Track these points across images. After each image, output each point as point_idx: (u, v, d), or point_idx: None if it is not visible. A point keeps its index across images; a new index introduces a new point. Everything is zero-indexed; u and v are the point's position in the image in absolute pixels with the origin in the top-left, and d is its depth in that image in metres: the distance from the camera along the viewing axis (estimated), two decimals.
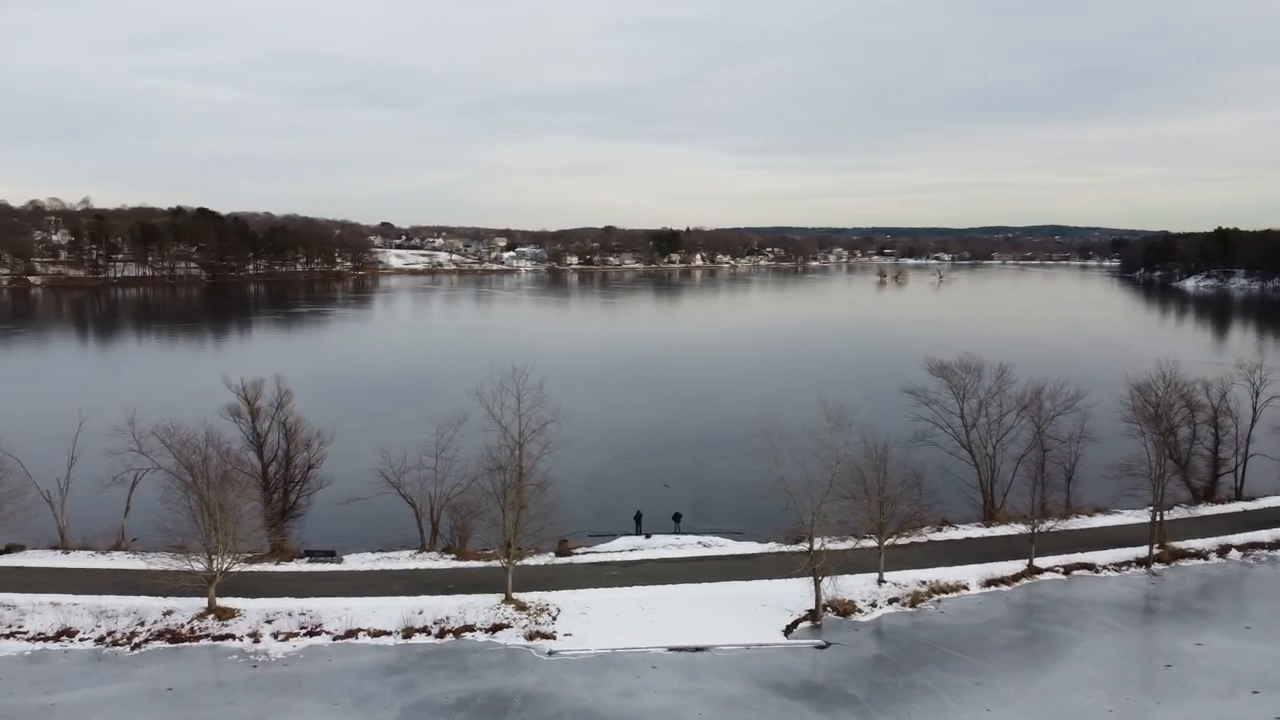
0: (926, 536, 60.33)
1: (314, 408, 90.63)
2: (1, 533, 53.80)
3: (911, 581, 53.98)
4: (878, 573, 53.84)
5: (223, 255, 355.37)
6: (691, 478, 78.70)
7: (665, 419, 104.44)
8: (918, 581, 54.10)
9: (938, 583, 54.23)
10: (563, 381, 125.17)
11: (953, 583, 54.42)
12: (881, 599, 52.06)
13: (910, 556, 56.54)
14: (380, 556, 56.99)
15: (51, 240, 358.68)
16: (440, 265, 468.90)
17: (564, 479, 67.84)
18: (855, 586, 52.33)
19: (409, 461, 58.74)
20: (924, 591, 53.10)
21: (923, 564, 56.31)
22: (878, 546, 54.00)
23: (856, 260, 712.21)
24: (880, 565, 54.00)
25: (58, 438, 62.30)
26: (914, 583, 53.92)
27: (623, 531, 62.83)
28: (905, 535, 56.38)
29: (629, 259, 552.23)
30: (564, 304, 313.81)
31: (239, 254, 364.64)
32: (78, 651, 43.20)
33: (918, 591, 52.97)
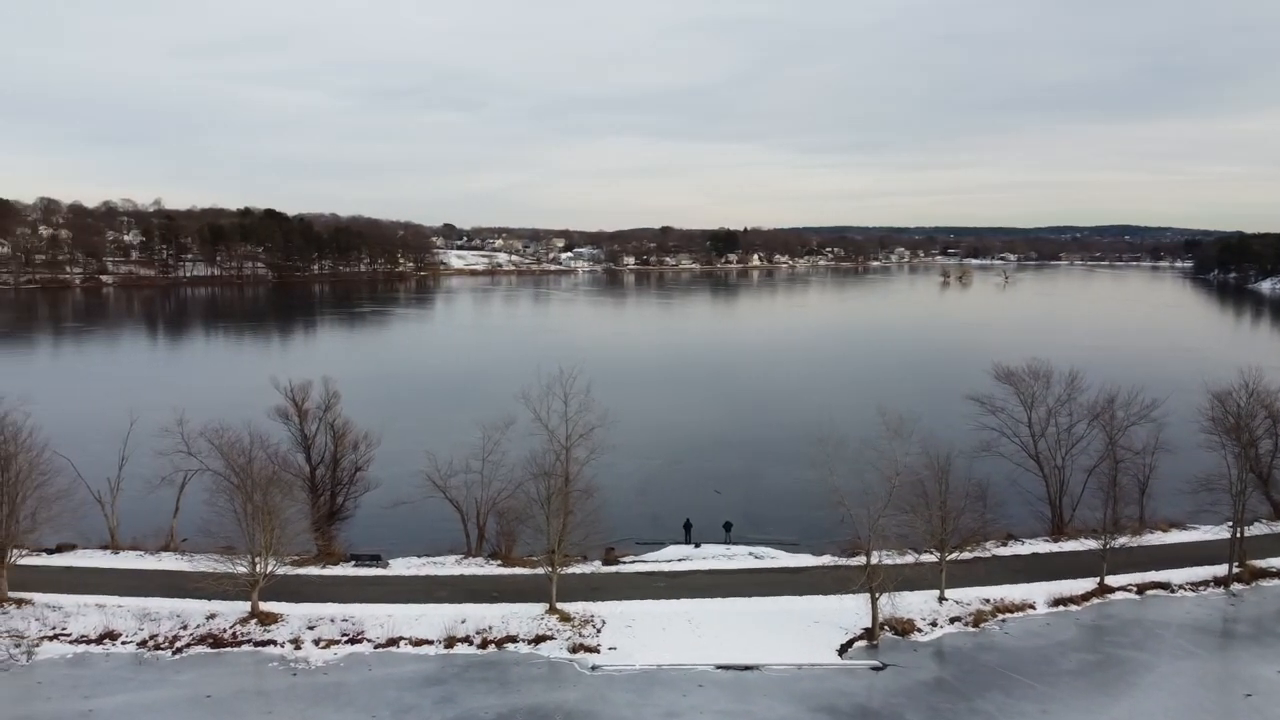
0: (990, 551, 57.58)
1: (365, 408, 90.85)
2: (54, 532, 54.08)
3: (974, 600, 51.40)
4: (938, 590, 51.38)
5: (289, 256, 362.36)
6: (744, 484, 76.69)
7: (719, 422, 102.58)
8: (981, 600, 51.50)
9: (1002, 601, 51.56)
10: (616, 383, 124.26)
11: (1018, 601, 51.69)
12: (942, 618, 49.61)
13: (973, 573, 53.89)
14: (426, 561, 56.25)
15: (124, 240, 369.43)
16: (499, 266, 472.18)
17: (612, 484, 66.67)
18: (914, 604, 49.94)
19: (455, 465, 57.94)
20: (988, 610, 50.50)
21: (986, 581, 53.59)
22: (939, 562, 51.52)
23: (919, 260, 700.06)
24: (941, 582, 51.51)
25: (113, 436, 62.79)
26: (977, 601, 51.34)
27: (671, 540, 61.19)
28: (968, 550, 53.79)
29: (686, 259, 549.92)
30: (620, 305, 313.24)
31: (304, 254, 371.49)
32: (119, 655, 43.00)
33: (981, 610, 50.39)
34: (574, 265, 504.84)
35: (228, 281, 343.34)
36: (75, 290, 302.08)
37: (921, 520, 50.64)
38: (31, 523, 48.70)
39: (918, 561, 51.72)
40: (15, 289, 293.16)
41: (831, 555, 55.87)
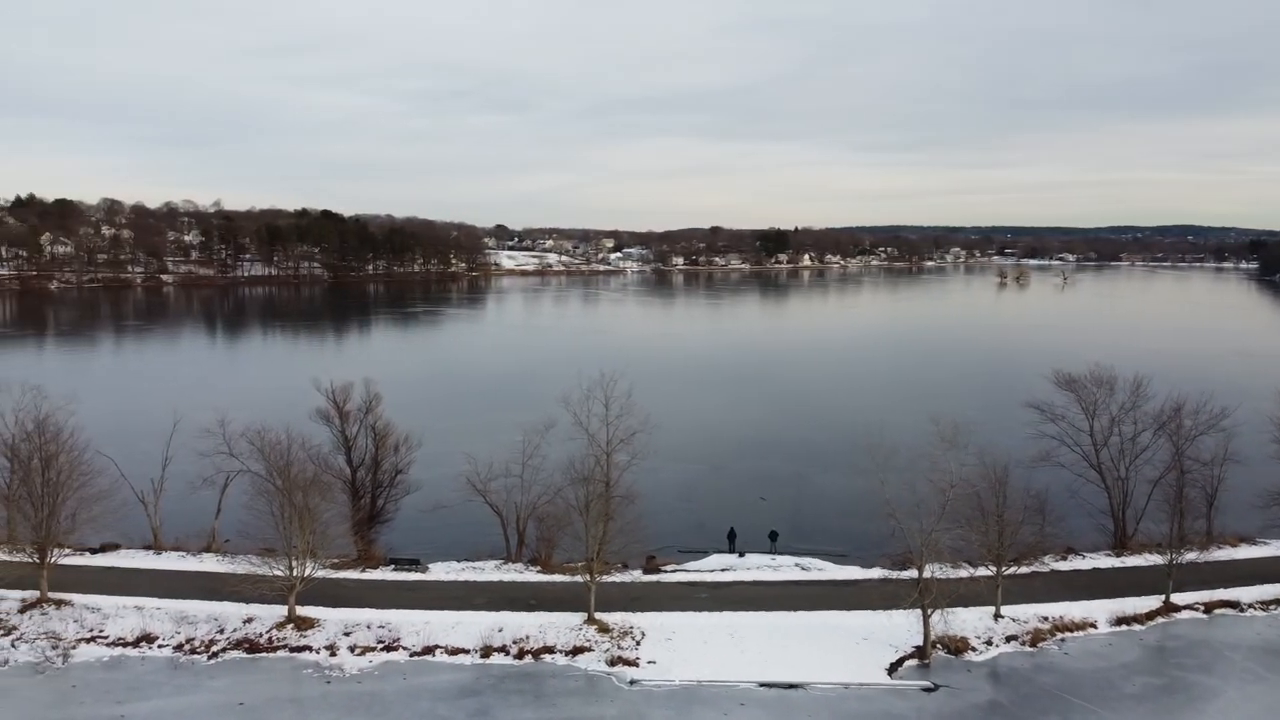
0: (1049, 566, 55.14)
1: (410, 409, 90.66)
2: (97, 531, 54.39)
3: (1032, 617, 49.10)
4: (994, 607, 49.15)
5: (344, 256, 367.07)
6: (791, 492, 74.80)
7: (766, 426, 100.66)
8: (1039, 617, 49.18)
9: (1061, 619, 49.17)
10: (661, 384, 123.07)
11: (1078, 620, 49.25)
12: (998, 636, 47.42)
13: (1031, 589, 51.52)
14: (465, 566, 55.49)
15: (184, 240, 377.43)
16: (549, 266, 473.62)
17: (654, 489, 65.30)
18: (969, 621, 47.80)
19: (496, 468, 57.17)
20: (1046, 629, 48.18)
21: (1044, 598, 51.22)
22: (995, 577, 49.28)
23: (975, 260, 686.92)
24: (997, 598, 49.28)
25: (159, 436, 63.12)
26: (1034, 619, 49.03)
27: (715, 548, 59.64)
28: (1025, 564, 51.42)
29: (735, 259, 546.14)
30: (668, 305, 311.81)
31: (359, 255, 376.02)
32: (155, 659, 42.77)
33: (1039, 629, 48.10)
34: (623, 265, 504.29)
35: (284, 281, 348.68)
36: (136, 289, 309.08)
37: (977, 533, 48.48)
38: (71, 523, 48.79)
39: (972, 576, 49.57)
40: (78, 288, 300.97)
41: (881, 568, 53.93)
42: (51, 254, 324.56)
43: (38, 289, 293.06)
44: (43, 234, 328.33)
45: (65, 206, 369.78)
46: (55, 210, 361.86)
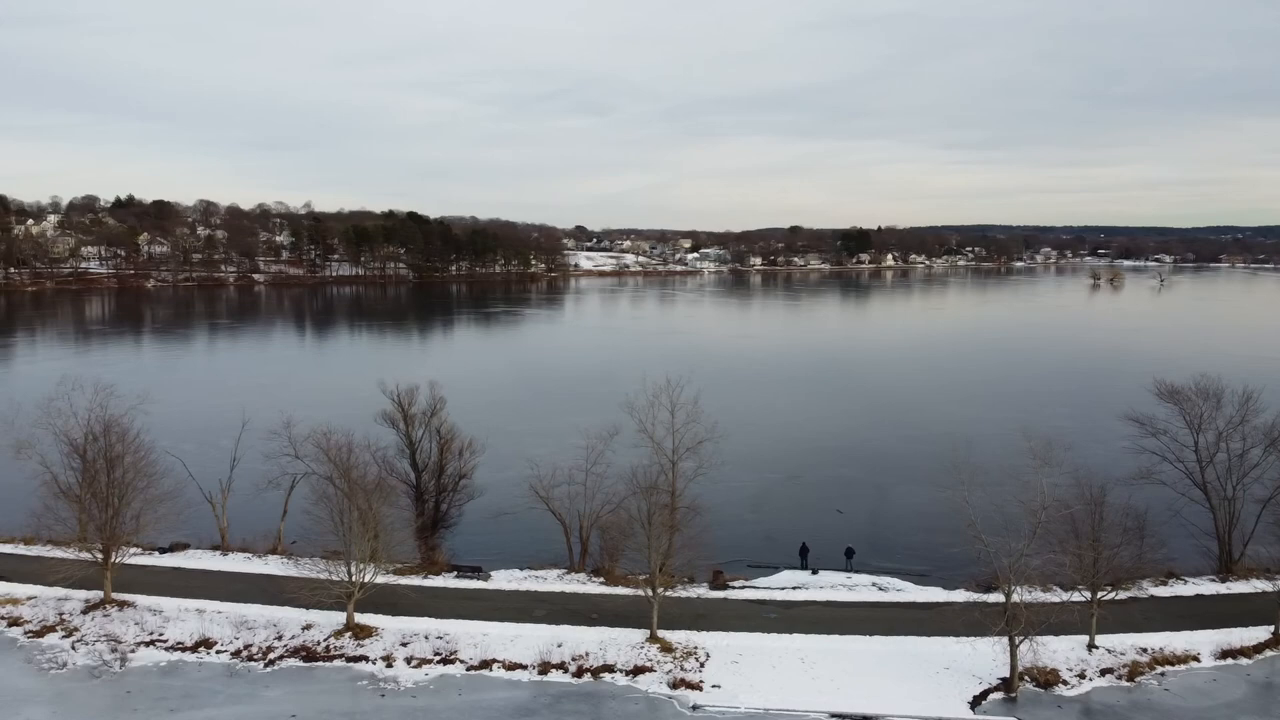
0: (1148, 592, 50.94)
1: (480, 410, 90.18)
2: (168, 531, 54.61)
3: (1129, 648, 45.30)
4: (1088, 636, 45.48)
5: (428, 257, 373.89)
6: (869, 505, 71.36)
7: (843, 433, 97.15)
8: (1136, 648, 45.34)
9: (1161, 651, 45.23)
10: (735, 387, 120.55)
11: (1180, 652, 45.22)
12: (1091, 669, 43.79)
13: (1128, 617, 47.56)
14: (528, 575, 54.09)
15: (275, 241, 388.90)
16: (626, 267, 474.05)
17: (723, 499, 63.08)
18: (1060, 652, 44.27)
19: (559, 475, 55.67)
20: (1144, 661, 44.34)
21: (1143, 627, 47.25)
22: (1089, 604, 45.58)
23: (1066, 261, 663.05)
24: (1092, 627, 45.55)
25: (231, 436, 63.46)
26: (1132, 650, 45.22)
27: (786, 564, 56.92)
28: (1122, 589, 47.50)
29: (815, 259, 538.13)
30: (745, 306, 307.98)
31: (443, 256, 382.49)
32: (212, 665, 42.31)
33: (1136, 661, 44.30)
34: (699, 266, 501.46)
35: (371, 281, 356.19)
36: (229, 288, 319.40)
37: (1070, 556, 44.89)
38: (135, 524, 48.89)
39: (1064, 602, 45.93)
40: (174, 286, 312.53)
41: (965, 590, 50.76)
42: (149, 253, 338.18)
43: (135, 287, 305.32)
44: (141, 234, 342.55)
45: (163, 208, 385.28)
46: (153, 211, 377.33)
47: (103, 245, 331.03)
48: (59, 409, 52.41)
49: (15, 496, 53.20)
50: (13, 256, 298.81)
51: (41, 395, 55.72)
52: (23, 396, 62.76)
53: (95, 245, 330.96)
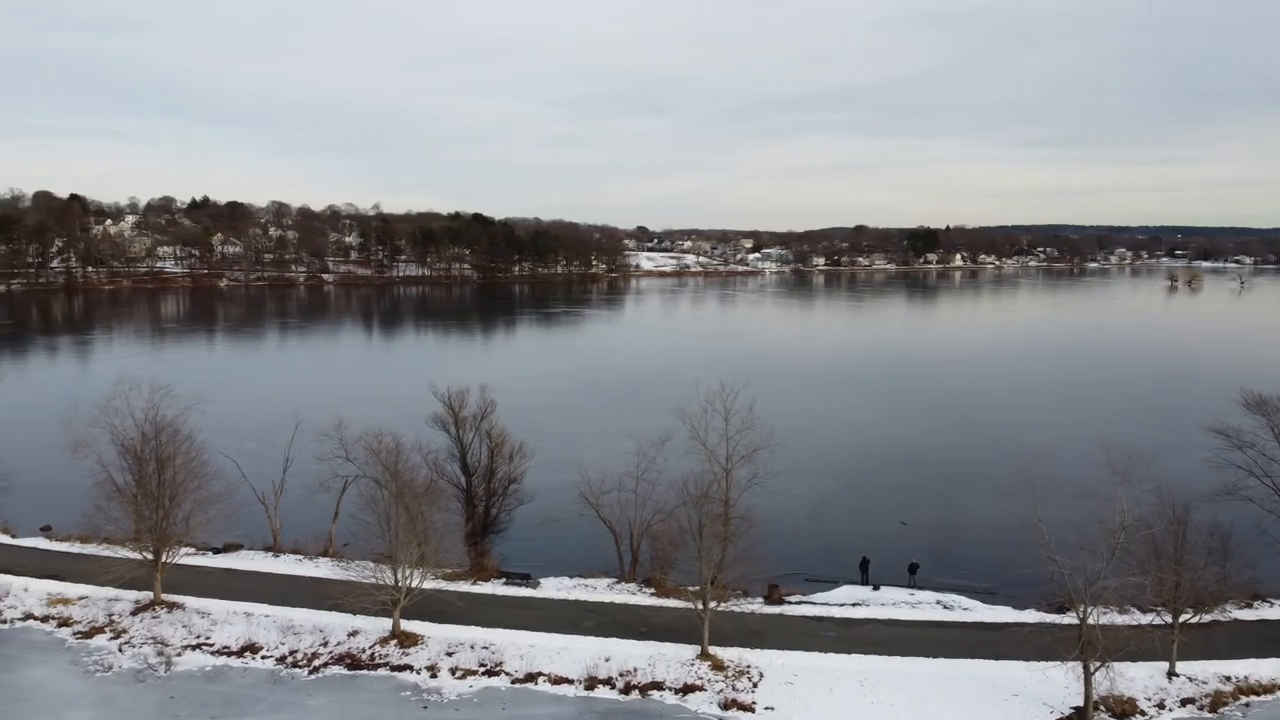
0: (1232, 615, 47.47)
1: (534, 412, 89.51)
2: (222, 530, 54.80)
3: (1211, 676, 42.27)
4: (1168, 663, 42.47)
5: (492, 258, 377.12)
6: (934, 517, 68.25)
7: (908, 440, 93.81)
8: (1219, 677, 42.29)
9: (1246, 680, 42.12)
10: (794, 390, 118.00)
11: (1266, 681, 42.13)
12: (1171, 698, 40.89)
13: (1210, 643, 44.34)
14: (577, 584, 52.84)
15: (344, 241, 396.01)
16: (687, 267, 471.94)
17: (780, 508, 61.06)
18: (1137, 680, 41.40)
19: (609, 482, 54.28)
20: (1228, 691, 41.32)
21: (1227, 653, 44.08)
22: (1169, 629, 42.55)
23: (1141, 262, 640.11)
24: (1172, 654, 42.53)
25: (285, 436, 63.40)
26: (1215, 678, 42.18)
27: (846, 578, 54.57)
28: (1205, 613, 44.26)
29: (880, 259, 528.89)
30: (806, 306, 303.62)
31: (506, 256, 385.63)
32: (257, 671, 41.82)
33: (1219, 690, 41.28)
34: (761, 266, 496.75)
35: (436, 281, 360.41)
36: (299, 288, 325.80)
37: (1150, 578, 41.93)
38: (185, 526, 48.84)
39: (1143, 627, 42.99)
40: (246, 286, 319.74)
41: (1036, 611, 48.10)
42: (222, 253, 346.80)
43: (209, 286, 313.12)
44: (215, 234, 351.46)
45: (236, 209, 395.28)
46: (227, 212, 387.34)
47: (178, 245, 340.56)
48: (116, 408, 52.74)
49: (73, 495, 53.56)
50: (91, 256, 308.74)
51: (101, 394, 56.33)
52: (86, 395, 63.67)
53: (171, 245, 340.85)
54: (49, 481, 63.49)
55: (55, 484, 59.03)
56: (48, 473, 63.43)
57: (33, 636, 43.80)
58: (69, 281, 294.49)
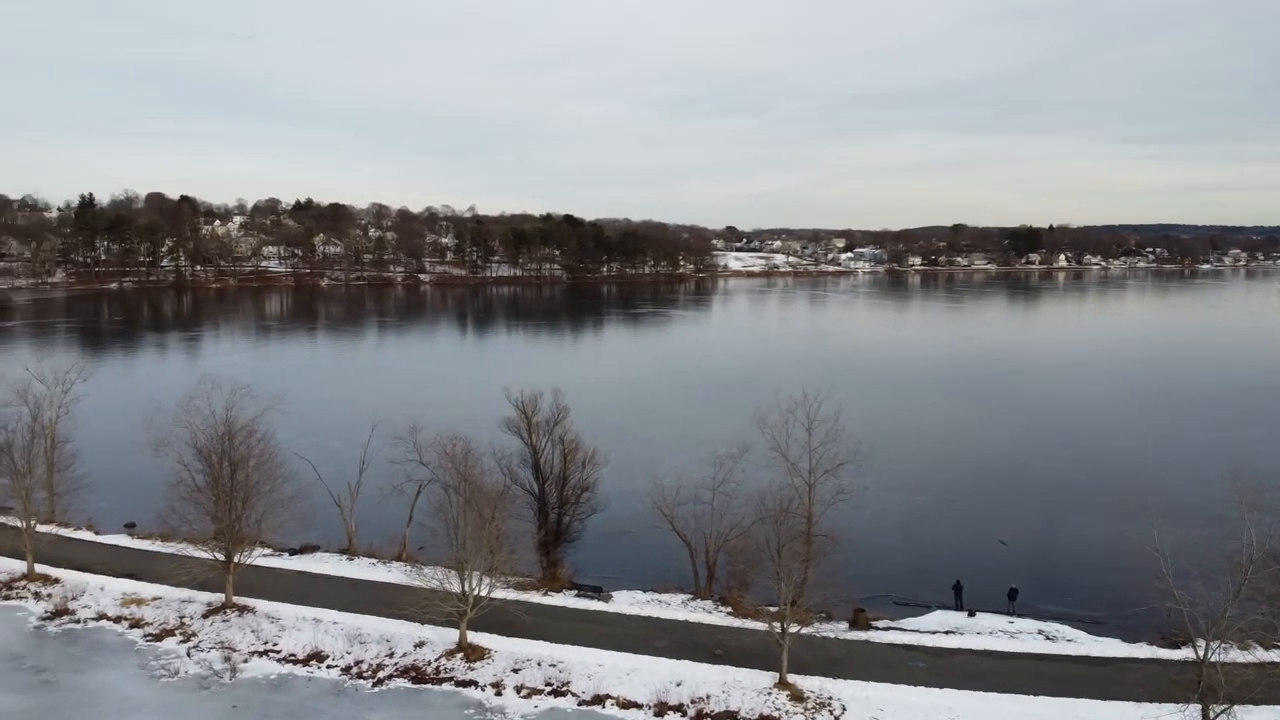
0: None
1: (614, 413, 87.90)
2: (297, 533, 54.72)
3: None
4: None
5: (581, 258, 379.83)
6: (1036, 537, 63.68)
7: (1008, 453, 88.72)
8: None
9: None
10: (884, 396, 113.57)
11: None
12: None
13: None
14: (650, 599, 50.72)
15: (440, 242, 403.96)
16: (776, 267, 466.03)
17: (868, 524, 57.80)
18: None
19: (684, 493, 51.89)
20: None
21: None
22: None
23: (1258, 264, 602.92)
24: None
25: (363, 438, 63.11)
26: None
27: (938, 603, 50.98)
28: None
29: (979, 259, 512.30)
30: (901, 308, 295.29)
31: (595, 257, 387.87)
32: (321, 681, 40.95)
33: None
34: (853, 266, 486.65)
35: (527, 281, 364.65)
36: (397, 287, 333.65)
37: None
38: (257, 529, 48.60)
39: (1266, 666, 38.49)
40: (346, 285, 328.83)
41: (1148, 644, 44.05)
42: (324, 253, 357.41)
43: (310, 285, 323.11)
44: (317, 235, 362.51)
45: (338, 210, 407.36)
46: (329, 213, 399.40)
47: (282, 245, 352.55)
48: (197, 408, 52.96)
49: (157, 493, 54.09)
50: (200, 255, 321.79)
51: (183, 393, 56.83)
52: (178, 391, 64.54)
53: (275, 245, 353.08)
54: (137, 478, 64.60)
55: (143, 481, 59.90)
56: (136, 469, 64.57)
57: (105, 637, 43.97)
58: (178, 280, 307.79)
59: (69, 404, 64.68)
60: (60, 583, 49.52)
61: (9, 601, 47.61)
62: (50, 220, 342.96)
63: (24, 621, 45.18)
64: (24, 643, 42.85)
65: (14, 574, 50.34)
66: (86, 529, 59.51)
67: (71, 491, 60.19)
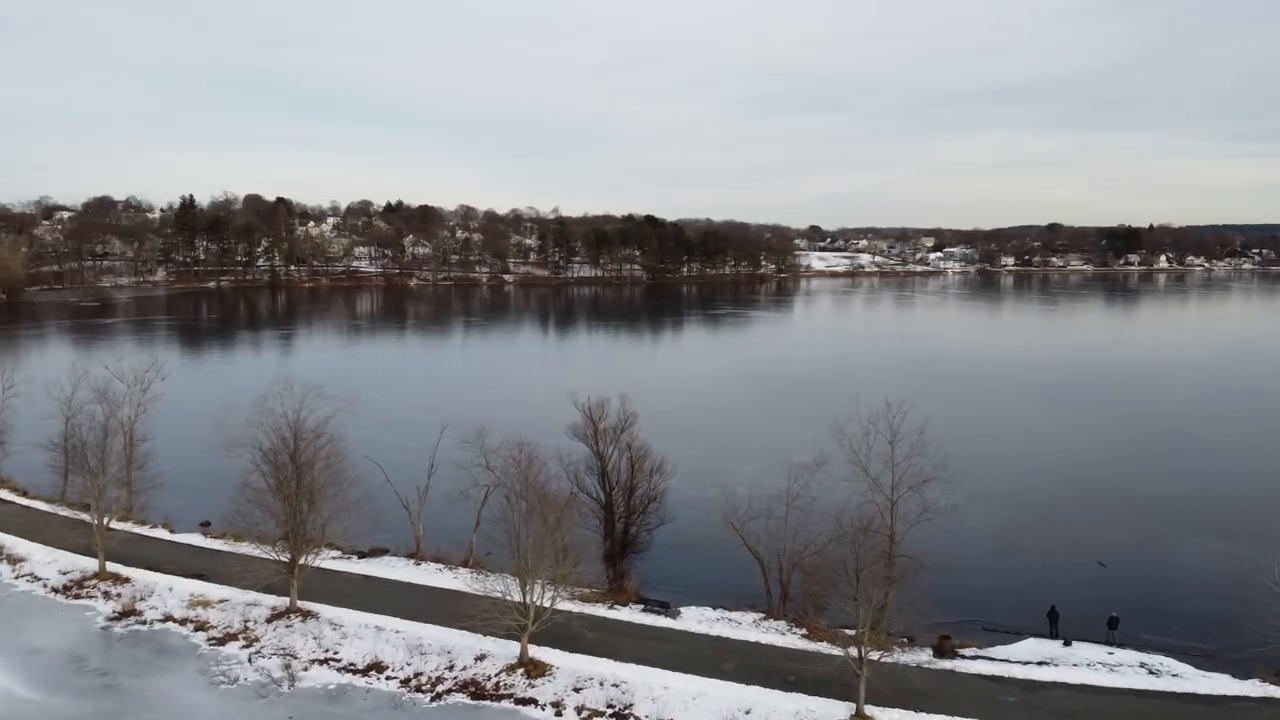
0: None
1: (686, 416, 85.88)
2: (365, 535, 54.31)
3: None
4: None
5: (661, 259, 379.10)
6: (1140, 559, 59.11)
7: (1107, 465, 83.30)
8: None
9: None
10: (974, 403, 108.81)
11: None
12: None
13: None
14: (719, 616, 48.51)
15: (524, 244, 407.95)
16: (861, 267, 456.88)
17: (954, 540, 54.35)
18: None
19: (756, 506, 49.44)
20: None
21: None
22: None
23: None
24: None
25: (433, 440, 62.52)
26: None
27: (1030, 630, 47.41)
28: None
29: (1075, 260, 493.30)
30: (992, 309, 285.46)
31: (675, 257, 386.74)
32: (379, 693, 39.97)
33: None
34: (943, 266, 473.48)
35: (608, 282, 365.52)
36: (482, 288, 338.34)
37: None
38: (322, 532, 48.10)
39: None
40: (434, 285, 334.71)
41: (1262, 681, 40.23)
42: (412, 254, 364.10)
43: (399, 285, 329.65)
44: (406, 236, 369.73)
45: (427, 212, 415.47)
46: (419, 215, 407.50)
47: (372, 246, 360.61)
48: (270, 408, 52.86)
49: (230, 494, 54.24)
50: (294, 255, 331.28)
51: (258, 393, 56.91)
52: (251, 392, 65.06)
53: (366, 246, 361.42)
54: (215, 476, 65.18)
55: (220, 479, 60.31)
56: (215, 467, 65.24)
57: (169, 640, 43.89)
58: (273, 279, 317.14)
59: (147, 402, 65.66)
60: (130, 582, 49.86)
61: (79, 601, 48.14)
62: (153, 221, 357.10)
63: (91, 622, 45.50)
64: (90, 644, 43.06)
65: (86, 572, 50.96)
66: (162, 527, 60.19)
67: (149, 489, 61.01)
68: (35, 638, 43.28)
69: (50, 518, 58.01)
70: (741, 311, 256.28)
